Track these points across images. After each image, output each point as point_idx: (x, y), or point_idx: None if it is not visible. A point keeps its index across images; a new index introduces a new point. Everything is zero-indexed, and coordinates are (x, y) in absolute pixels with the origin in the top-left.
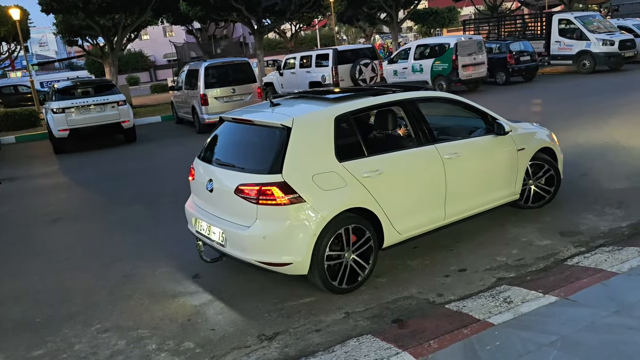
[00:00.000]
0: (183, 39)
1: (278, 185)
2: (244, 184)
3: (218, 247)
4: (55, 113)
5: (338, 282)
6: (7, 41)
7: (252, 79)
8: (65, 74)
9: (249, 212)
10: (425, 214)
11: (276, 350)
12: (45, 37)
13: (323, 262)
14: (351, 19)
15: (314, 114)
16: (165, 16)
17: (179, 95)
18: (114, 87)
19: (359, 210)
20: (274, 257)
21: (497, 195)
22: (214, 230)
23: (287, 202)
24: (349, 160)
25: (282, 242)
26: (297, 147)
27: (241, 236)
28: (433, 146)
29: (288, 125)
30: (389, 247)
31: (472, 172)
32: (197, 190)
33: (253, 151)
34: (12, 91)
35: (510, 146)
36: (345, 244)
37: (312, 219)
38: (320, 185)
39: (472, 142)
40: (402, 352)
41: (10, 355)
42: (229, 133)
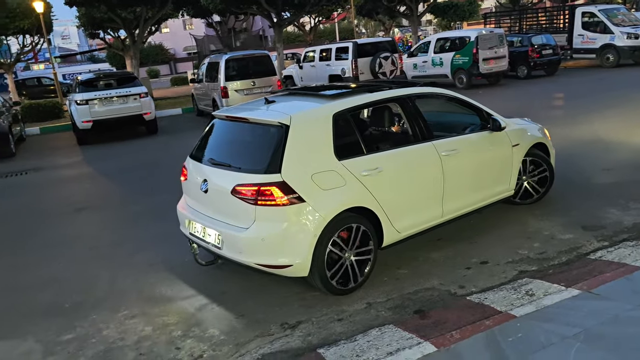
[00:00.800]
0: (203, 32)
1: (277, 185)
2: (241, 184)
3: (214, 249)
4: (79, 105)
5: (337, 283)
6: (30, 34)
7: (272, 71)
8: (87, 66)
9: (247, 213)
10: (424, 212)
11: (299, 339)
12: (67, 30)
13: (323, 263)
14: (371, 12)
15: (311, 112)
16: (186, 9)
17: (199, 88)
18: (136, 80)
19: (358, 209)
20: (274, 259)
21: (492, 192)
22: (210, 232)
23: (287, 202)
24: (348, 158)
25: (282, 244)
26: (295, 146)
27: (239, 238)
28: (430, 143)
29: (286, 123)
30: (387, 246)
31: (468, 168)
32: (190, 191)
33: (249, 150)
34: (36, 83)
35: (506, 142)
36: (345, 244)
37: (312, 219)
38: (320, 185)
39: (468, 139)
40: (424, 342)
41: (41, 339)
42: (222, 131)
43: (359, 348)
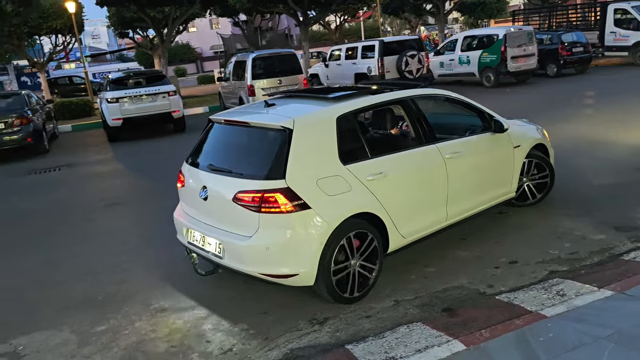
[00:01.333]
0: (229, 30)
1: (282, 192)
2: (244, 190)
3: (214, 259)
4: (110, 103)
5: (344, 291)
6: (62, 33)
7: (299, 70)
8: (116, 65)
9: (250, 221)
10: (428, 216)
11: (327, 334)
12: (97, 30)
13: (330, 271)
14: (397, 10)
15: (315, 114)
16: (213, 8)
17: (226, 86)
18: (164, 78)
19: (363, 215)
20: (278, 268)
21: (495, 194)
22: (210, 241)
23: (292, 209)
24: (352, 162)
25: (287, 253)
26: (299, 150)
27: (241, 247)
28: (434, 145)
29: (289, 127)
30: (393, 252)
31: (471, 171)
32: (188, 198)
33: (251, 155)
34: (67, 82)
35: (507, 144)
36: (351, 251)
37: (318, 226)
38: (325, 190)
39: (471, 141)
40: (453, 340)
41: (76, 330)
42: (221, 136)
43: (387, 345)
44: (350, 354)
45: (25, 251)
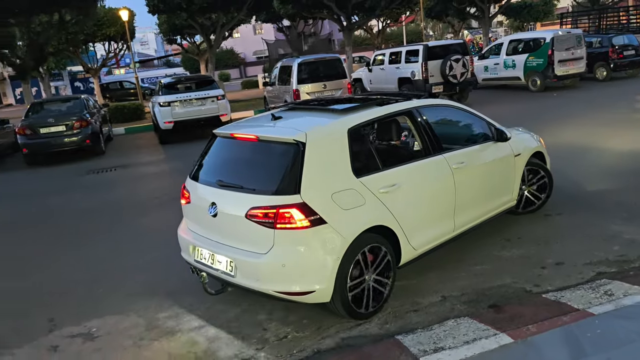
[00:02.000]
0: (273, 36)
1: (297, 207)
2: (258, 207)
3: (225, 277)
4: (162, 106)
5: (359, 307)
6: (115, 40)
7: (343, 74)
8: (163, 70)
9: (264, 238)
10: (438, 227)
11: (377, 326)
12: (145, 37)
13: (346, 286)
14: (440, 14)
15: (326, 127)
16: (258, 14)
17: (271, 91)
18: (214, 83)
19: (377, 228)
20: (295, 285)
21: (498, 203)
22: (219, 259)
23: (308, 225)
24: (365, 175)
25: (304, 269)
26: (313, 164)
27: (256, 265)
28: (442, 156)
29: (301, 141)
30: (403, 265)
31: (477, 180)
32: (195, 215)
33: (263, 170)
34: (118, 87)
35: (509, 152)
36: (365, 266)
37: (335, 241)
38: (340, 205)
39: (475, 150)
40: (500, 334)
41: (142, 315)
42: (227, 150)
43: (436, 336)
44: (400, 344)
45: (91, 244)
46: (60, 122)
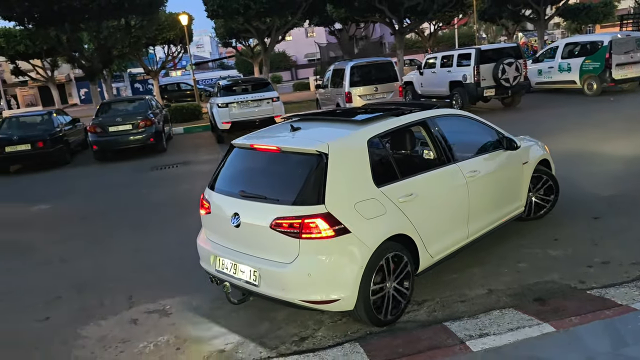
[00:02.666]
0: (324, 39)
1: (322, 217)
2: (282, 217)
3: (248, 287)
4: (220, 107)
5: (380, 313)
6: (174, 44)
7: (395, 78)
8: (218, 72)
9: (289, 247)
10: (452, 234)
11: (425, 313)
12: (201, 39)
13: (369, 295)
14: (493, 16)
15: (347, 138)
16: (311, 18)
17: (323, 93)
18: (269, 85)
19: (397, 236)
20: (320, 294)
21: (507, 210)
22: (242, 268)
23: (333, 234)
24: (385, 185)
25: (329, 278)
26: (336, 175)
27: (281, 274)
28: (456, 165)
29: (324, 152)
30: (421, 272)
31: (488, 188)
32: (216, 225)
33: (285, 180)
34: (176, 88)
35: (517, 160)
36: (386, 273)
37: (358, 251)
38: (363, 214)
39: (487, 159)
40: (544, 324)
41: (206, 297)
42: (248, 161)
43: (481, 324)
44: (447, 329)
45: (161, 232)
46: (127, 121)
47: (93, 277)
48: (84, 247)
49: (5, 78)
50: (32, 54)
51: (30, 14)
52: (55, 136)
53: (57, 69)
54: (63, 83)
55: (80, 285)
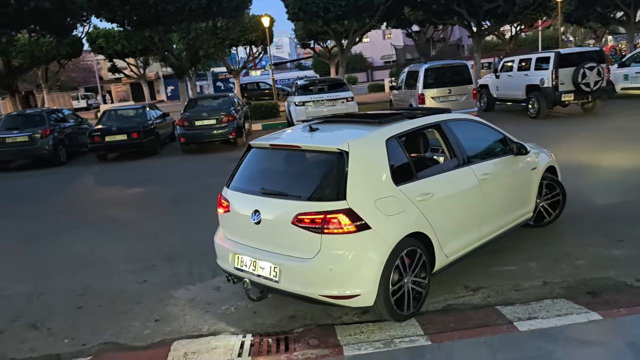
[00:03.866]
0: (401, 41)
1: (344, 213)
2: (305, 212)
3: (268, 283)
4: (297, 106)
5: (400, 308)
6: (255, 45)
7: (469, 80)
8: (295, 73)
9: (310, 243)
10: (466, 236)
11: (479, 298)
12: (281, 41)
13: (388, 290)
14: (580, 19)
15: (367, 137)
16: (389, 20)
17: (397, 94)
18: (344, 85)
19: (415, 235)
20: (341, 289)
21: (518, 214)
22: (262, 265)
23: (354, 229)
24: (403, 183)
25: (350, 273)
26: (357, 172)
27: (303, 269)
28: (469, 167)
29: (345, 150)
30: (435, 272)
31: (500, 191)
32: (234, 223)
33: (306, 178)
34: (255, 87)
35: (527, 165)
36: (404, 270)
37: (379, 246)
38: (383, 211)
39: (498, 163)
40: (592, 312)
41: None
42: (267, 160)
43: (531, 309)
44: (499, 312)
45: None
46: (212, 116)
47: (182, 251)
48: (174, 225)
49: (102, 75)
50: (127, 53)
51: (129, 17)
52: (148, 128)
53: (148, 67)
54: (152, 80)
55: (171, 256)
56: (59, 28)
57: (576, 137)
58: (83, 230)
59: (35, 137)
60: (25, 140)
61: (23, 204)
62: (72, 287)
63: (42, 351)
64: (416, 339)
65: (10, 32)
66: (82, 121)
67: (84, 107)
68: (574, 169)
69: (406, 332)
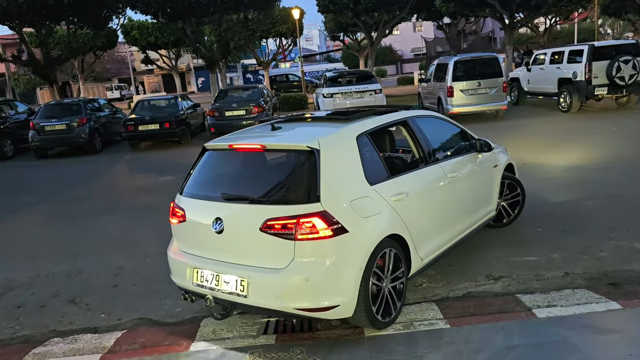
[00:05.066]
0: (432, 33)
1: (319, 216)
2: (275, 217)
3: (234, 298)
4: (325, 97)
5: (379, 314)
6: (285, 37)
7: (499, 73)
8: (324, 65)
9: (282, 251)
10: (438, 237)
11: (500, 287)
12: (310, 33)
13: (369, 297)
14: (618, 11)
15: (337, 134)
16: (419, 12)
17: (426, 87)
18: (373, 78)
19: (390, 237)
20: (318, 301)
21: (483, 213)
22: (227, 279)
23: (331, 234)
24: (377, 183)
25: (328, 282)
26: (329, 171)
27: (274, 281)
28: (438, 165)
29: (315, 147)
30: (412, 276)
31: (467, 190)
32: (191, 234)
33: (273, 180)
34: (284, 79)
35: (489, 163)
36: (382, 274)
37: (357, 251)
38: (359, 213)
39: (464, 161)
40: (611, 302)
41: None
42: (225, 163)
43: (551, 298)
44: (518, 300)
45: None
46: (242, 107)
47: None
48: None
49: (135, 66)
50: (160, 45)
51: (164, 9)
52: (180, 118)
53: (179, 59)
54: (184, 72)
55: None
56: (96, 20)
57: (609, 132)
58: (118, 215)
59: (73, 125)
60: (63, 128)
61: (62, 189)
62: (108, 267)
63: (80, 324)
64: (435, 323)
65: (50, 23)
66: (116, 111)
67: (118, 98)
68: (603, 164)
69: (426, 315)
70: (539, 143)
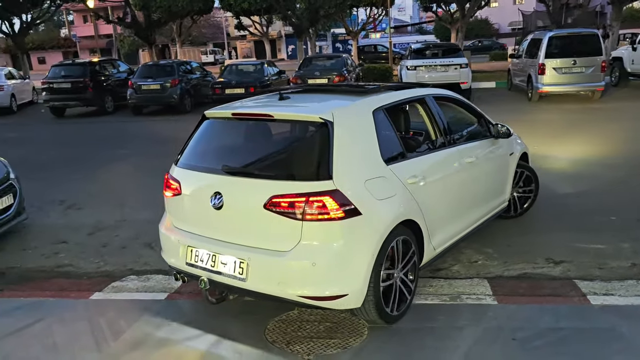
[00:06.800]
0: (533, 7)
1: (330, 195)
2: (281, 194)
3: (231, 282)
4: (409, 70)
5: (389, 306)
6: (376, 6)
7: (598, 52)
8: (415, 37)
9: (288, 232)
10: (453, 225)
11: (559, 271)
12: (403, 3)
13: (379, 287)
14: None
15: (352, 107)
16: None
17: (516, 64)
18: (459, 51)
19: (405, 222)
20: (325, 288)
21: (496, 202)
22: (225, 259)
23: (342, 215)
24: (393, 163)
25: (337, 268)
26: (343, 147)
27: (278, 265)
28: (456, 148)
29: (329, 119)
30: (422, 266)
31: (484, 177)
32: (187, 208)
33: (282, 153)
34: (372, 50)
35: (505, 150)
36: (394, 263)
37: (370, 236)
38: (374, 194)
39: (482, 145)
40: None
41: None
42: (227, 133)
43: (610, 287)
44: (575, 285)
45: None
46: (324, 75)
47: None
48: None
49: (229, 32)
50: (252, 11)
51: None
52: (264, 84)
53: (271, 26)
54: (275, 39)
55: None
56: None
57: None
58: None
59: (166, 85)
60: (157, 88)
61: (150, 144)
62: None
63: (154, 266)
64: (483, 298)
65: None
66: (206, 74)
67: (211, 62)
68: None
69: (475, 290)
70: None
